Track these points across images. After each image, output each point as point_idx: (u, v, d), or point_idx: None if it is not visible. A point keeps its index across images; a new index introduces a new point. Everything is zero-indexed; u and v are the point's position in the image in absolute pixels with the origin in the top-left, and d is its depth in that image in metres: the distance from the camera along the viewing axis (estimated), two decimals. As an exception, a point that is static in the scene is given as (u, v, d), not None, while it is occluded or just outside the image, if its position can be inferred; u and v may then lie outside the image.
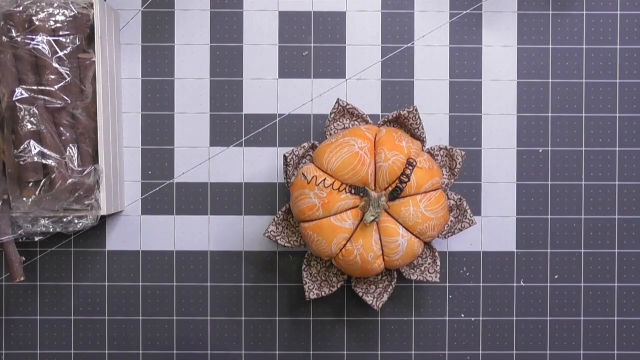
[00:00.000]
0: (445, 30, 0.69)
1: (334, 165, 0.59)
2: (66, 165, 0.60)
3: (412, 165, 0.59)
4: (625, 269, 0.69)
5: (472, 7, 0.69)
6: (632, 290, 0.69)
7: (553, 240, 0.69)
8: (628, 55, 0.69)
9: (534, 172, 0.69)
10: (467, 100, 0.69)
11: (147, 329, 0.68)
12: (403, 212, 0.59)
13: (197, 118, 0.68)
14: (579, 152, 0.69)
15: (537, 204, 0.69)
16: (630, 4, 0.69)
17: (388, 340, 0.69)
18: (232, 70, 0.68)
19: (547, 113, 0.69)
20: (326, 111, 0.68)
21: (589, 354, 0.69)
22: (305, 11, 0.68)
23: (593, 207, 0.69)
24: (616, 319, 0.69)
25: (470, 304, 0.69)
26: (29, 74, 0.60)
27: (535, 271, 0.69)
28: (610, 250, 0.69)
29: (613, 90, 0.69)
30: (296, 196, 0.60)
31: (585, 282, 0.69)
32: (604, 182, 0.69)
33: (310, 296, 0.63)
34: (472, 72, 0.69)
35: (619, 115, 0.69)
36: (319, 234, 0.60)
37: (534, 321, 0.69)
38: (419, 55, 0.69)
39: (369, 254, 0.60)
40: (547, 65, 0.69)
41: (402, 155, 0.59)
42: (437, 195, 0.60)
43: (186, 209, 0.68)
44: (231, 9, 0.68)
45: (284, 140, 0.68)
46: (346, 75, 0.69)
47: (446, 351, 0.69)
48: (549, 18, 0.69)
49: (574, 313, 0.69)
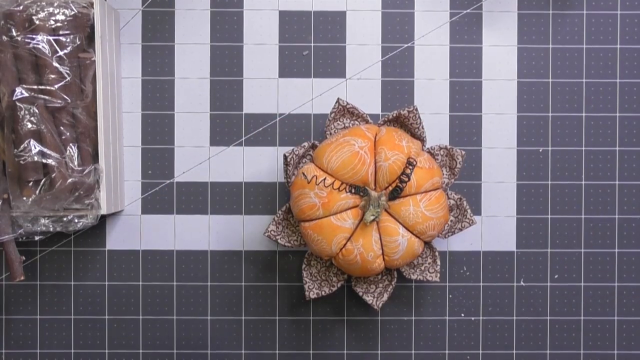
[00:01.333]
0: (445, 29, 0.69)
1: (334, 165, 0.59)
2: (66, 165, 0.60)
3: (412, 164, 0.59)
4: (625, 269, 0.69)
5: (473, 7, 0.69)
6: (632, 290, 0.69)
7: (553, 240, 0.69)
8: (628, 55, 0.69)
9: (534, 172, 0.69)
10: (467, 99, 0.69)
11: (147, 329, 0.68)
12: (403, 211, 0.59)
13: (197, 117, 0.68)
14: (579, 152, 0.69)
15: (537, 204, 0.69)
16: (630, 4, 0.69)
17: (388, 340, 0.69)
18: (232, 70, 0.68)
19: (547, 113, 0.69)
20: (326, 111, 0.68)
21: (589, 353, 0.69)
22: (306, 11, 0.68)
23: (593, 207, 0.69)
24: (616, 318, 0.69)
25: (470, 303, 0.69)
26: (29, 74, 0.60)
27: (535, 271, 0.69)
28: (610, 250, 0.69)
29: (613, 90, 0.69)
30: (296, 196, 0.60)
31: (585, 282, 0.69)
32: (604, 182, 0.69)
33: (311, 296, 0.63)
34: (472, 71, 0.69)
35: (619, 115, 0.69)
36: (319, 234, 0.60)
37: (534, 321, 0.69)
38: (419, 54, 0.69)
39: (369, 253, 0.60)
40: (547, 65, 0.69)
41: (402, 154, 0.59)
42: (437, 194, 0.61)
43: (186, 209, 0.68)
44: (231, 8, 0.68)
45: (284, 139, 0.68)
46: (346, 75, 0.69)
47: (446, 351, 0.69)
48: (549, 18, 0.69)
49: (574, 313, 0.69)
